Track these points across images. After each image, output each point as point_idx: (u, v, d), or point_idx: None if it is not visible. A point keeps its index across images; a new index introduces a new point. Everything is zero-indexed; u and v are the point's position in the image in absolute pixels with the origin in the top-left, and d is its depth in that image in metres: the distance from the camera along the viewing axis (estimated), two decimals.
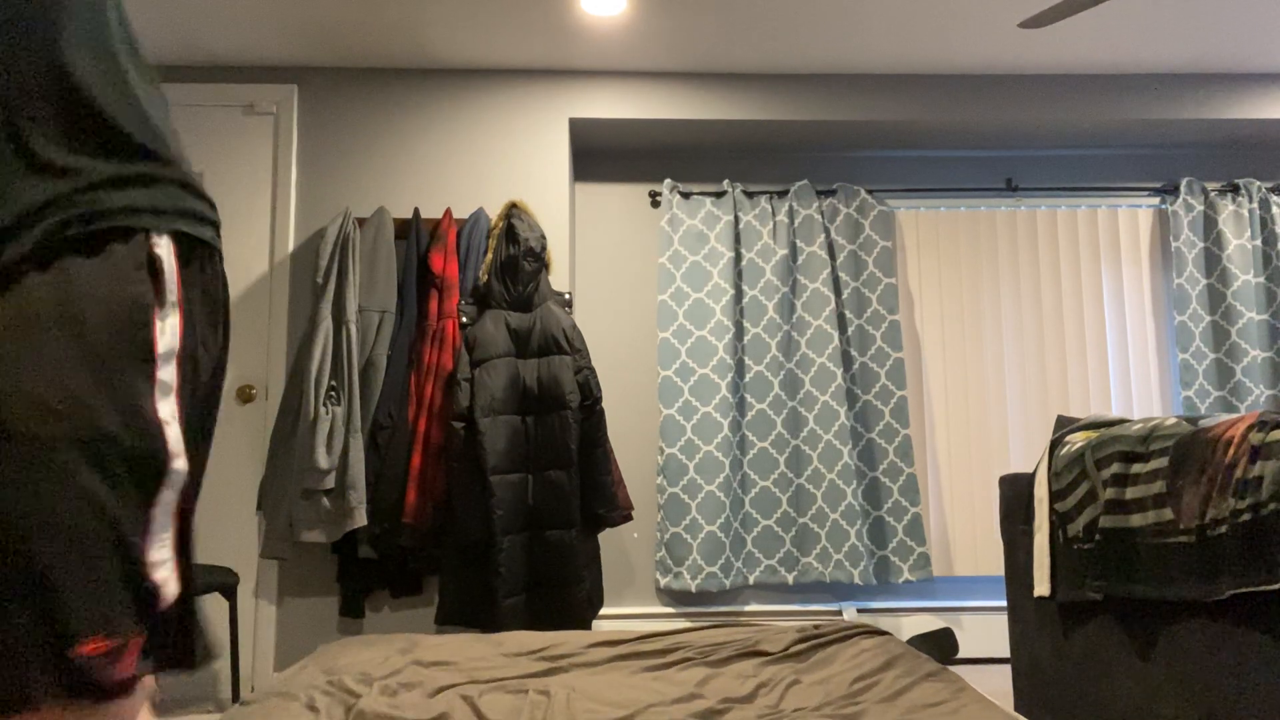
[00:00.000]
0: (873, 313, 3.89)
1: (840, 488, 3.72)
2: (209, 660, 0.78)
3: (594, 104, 3.73)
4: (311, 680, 1.75)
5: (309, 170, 3.63)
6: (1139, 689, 1.97)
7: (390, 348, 3.35)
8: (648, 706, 1.60)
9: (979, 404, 3.96)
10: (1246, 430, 1.70)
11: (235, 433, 3.47)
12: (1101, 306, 4.02)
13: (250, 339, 3.52)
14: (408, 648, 2.02)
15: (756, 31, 3.45)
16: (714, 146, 4.07)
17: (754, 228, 3.93)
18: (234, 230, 3.57)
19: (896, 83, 3.82)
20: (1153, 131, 3.97)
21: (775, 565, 3.76)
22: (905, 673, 1.79)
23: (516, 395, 3.21)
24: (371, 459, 3.25)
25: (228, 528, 3.42)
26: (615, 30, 3.44)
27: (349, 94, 3.68)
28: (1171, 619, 1.88)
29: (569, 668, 1.93)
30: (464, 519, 3.10)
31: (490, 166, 3.66)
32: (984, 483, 3.91)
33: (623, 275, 4.02)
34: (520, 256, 3.30)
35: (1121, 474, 1.99)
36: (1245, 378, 3.85)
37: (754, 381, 3.85)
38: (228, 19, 3.32)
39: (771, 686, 1.74)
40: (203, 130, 3.62)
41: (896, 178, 4.15)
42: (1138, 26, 3.45)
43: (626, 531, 3.86)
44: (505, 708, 1.60)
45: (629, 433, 3.92)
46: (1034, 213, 4.06)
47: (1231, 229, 3.95)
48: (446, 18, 3.34)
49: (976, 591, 3.91)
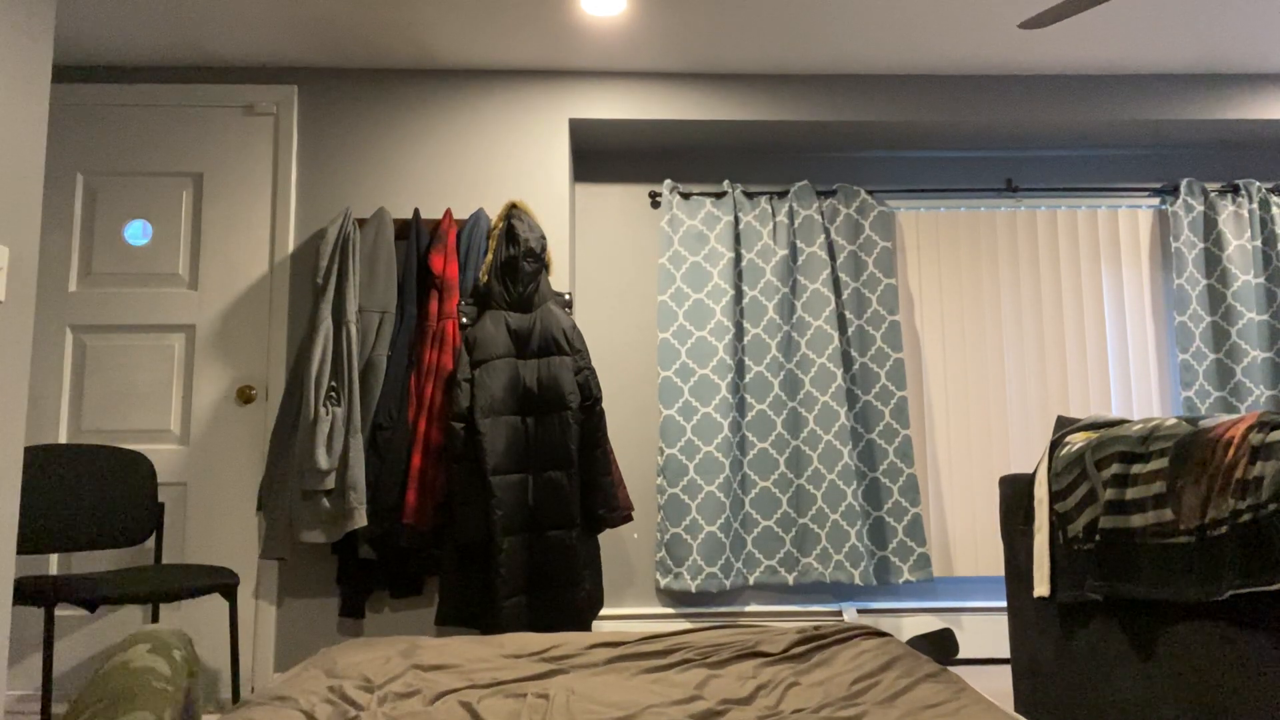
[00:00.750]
0: (873, 313, 3.89)
1: (840, 488, 3.72)
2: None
3: (594, 104, 3.73)
4: (312, 686, 1.75)
5: (309, 170, 3.63)
6: (1139, 689, 1.97)
7: (390, 348, 3.35)
8: (647, 708, 1.60)
9: (979, 404, 3.96)
10: (1246, 431, 1.70)
11: (235, 433, 3.47)
12: (1101, 307, 4.02)
13: (250, 339, 3.52)
14: (408, 650, 2.02)
15: (756, 31, 3.45)
16: (714, 147, 4.07)
17: (754, 228, 3.93)
18: (234, 230, 3.57)
19: (896, 83, 3.82)
20: (1153, 131, 3.97)
21: (775, 566, 3.76)
22: (905, 673, 1.79)
23: (516, 396, 3.21)
24: (371, 459, 3.25)
25: (228, 528, 3.41)
26: (615, 30, 3.44)
27: (349, 94, 3.68)
28: (1171, 619, 1.88)
29: (569, 669, 1.93)
30: (464, 520, 3.10)
31: (490, 167, 3.66)
32: (984, 483, 3.91)
33: (623, 276, 4.02)
34: (520, 257, 3.30)
35: (1122, 474, 1.99)
36: (1245, 378, 3.85)
37: (754, 382, 3.85)
38: (228, 19, 3.32)
39: (771, 688, 1.74)
40: (203, 130, 3.62)
41: (896, 178, 4.15)
42: (1138, 26, 3.45)
43: (626, 532, 3.86)
44: (504, 711, 1.60)
45: (629, 433, 3.92)
46: (1034, 213, 4.06)
47: (1231, 229, 3.95)
48: (446, 18, 3.34)
49: (976, 592, 3.91)
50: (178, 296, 3.54)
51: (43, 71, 2.49)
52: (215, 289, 3.54)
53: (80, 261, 3.55)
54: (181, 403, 3.49)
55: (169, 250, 3.56)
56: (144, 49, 3.52)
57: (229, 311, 3.53)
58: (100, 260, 3.54)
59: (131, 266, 3.55)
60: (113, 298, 3.52)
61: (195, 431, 3.46)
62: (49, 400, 3.45)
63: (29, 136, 2.44)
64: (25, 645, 3.32)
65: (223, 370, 3.50)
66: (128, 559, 3.39)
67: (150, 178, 3.60)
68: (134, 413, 3.47)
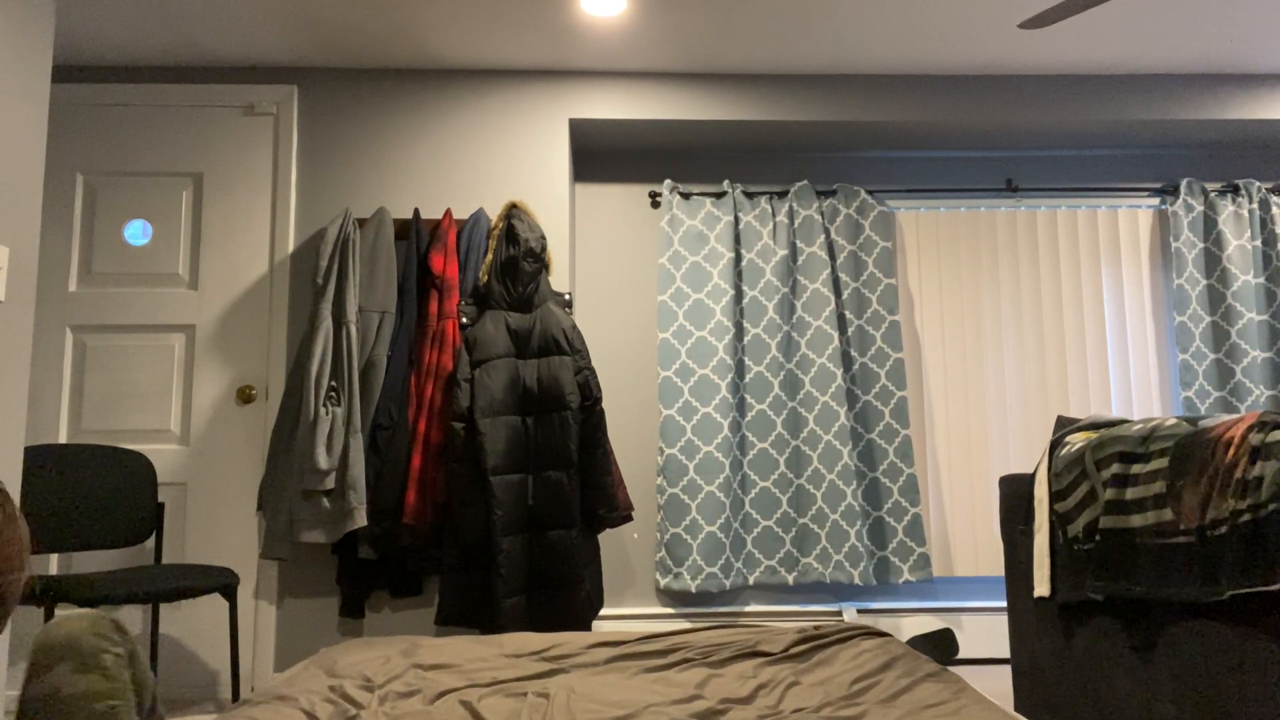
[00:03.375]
0: (873, 313, 3.89)
1: (840, 488, 3.72)
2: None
3: (594, 104, 3.73)
4: (313, 685, 1.75)
5: (309, 170, 3.63)
6: (1139, 689, 1.97)
7: (390, 348, 3.35)
8: (648, 706, 1.60)
9: (979, 404, 3.96)
10: (1246, 431, 1.70)
11: (235, 433, 3.47)
12: (1101, 307, 4.02)
13: (250, 339, 3.52)
14: (408, 650, 2.02)
15: (756, 31, 3.45)
16: (714, 147, 4.07)
17: (754, 228, 3.93)
18: (234, 231, 3.57)
19: (896, 83, 3.82)
20: (1153, 131, 3.97)
21: (775, 566, 3.76)
22: (905, 673, 1.79)
23: (516, 396, 3.21)
24: (371, 459, 3.25)
25: (228, 528, 3.41)
26: (615, 30, 3.44)
27: (349, 94, 3.68)
28: (1171, 619, 1.88)
29: (569, 668, 1.93)
30: (464, 520, 3.10)
31: (490, 167, 3.66)
32: (984, 483, 3.91)
33: (623, 276, 4.02)
34: (520, 257, 3.30)
35: (1121, 474, 1.99)
36: (1245, 378, 3.85)
37: (754, 382, 3.85)
38: (228, 19, 3.32)
39: (771, 687, 1.74)
40: (203, 130, 3.62)
41: (896, 178, 4.15)
42: (1138, 26, 3.45)
43: (626, 532, 3.86)
44: (505, 711, 1.60)
45: (629, 433, 3.92)
46: (1034, 213, 4.06)
47: (1231, 229, 3.95)
48: (446, 18, 3.34)
49: (976, 592, 3.91)
50: (178, 296, 3.54)
51: (43, 71, 2.49)
52: (215, 289, 3.54)
53: (80, 261, 3.55)
54: (181, 403, 3.49)
55: (169, 250, 3.56)
56: (144, 49, 3.52)
57: (229, 311, 3.53)
58: (100, 260, 3.54)
59: (131, 266, 3.55)
60: (113, 298, 3.52)
61: (195, 431, 3.46)
62: (49, 400, 3.45)
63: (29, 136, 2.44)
64: (25, 645, 3.32)
65: (223, 370, 3.50)
66: (128, 559, 3.39)
67: (150, 178, 3.59)
68: (134, 413, 3.47)
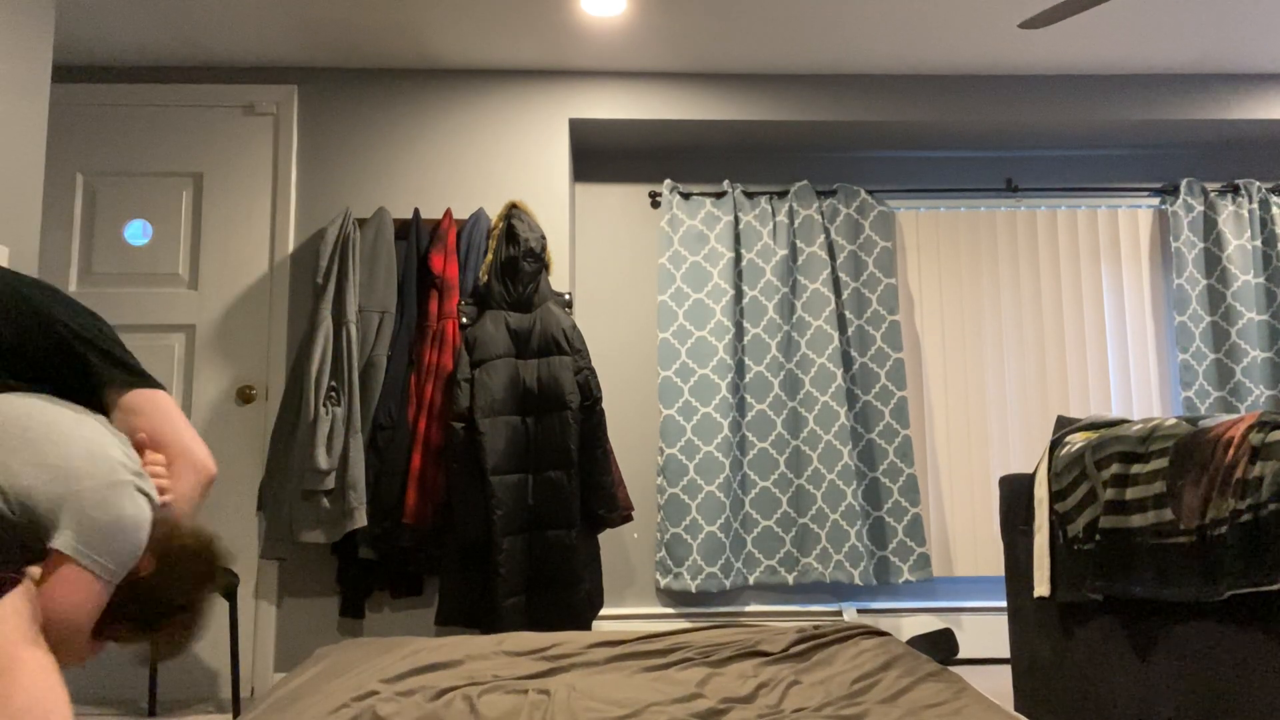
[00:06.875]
0: (873, 313, 3.89)
1: (840, 488, 3.72)
2: None
3: (594, 104, 3.73)
4: (313, 686, 1.75)
5: (309, 170, 3.63)
6: (1139, 689, 1.97)
7: (390, 348, 3.35)
8: (648, 706, 1.60)
9: (979, 404, 3.96)
10: (1246, 431, 1.70)
11: (235, 433, 3.47)
12: (1101, 307, 4.02)
13: (250, 339, 3.52)
14: (408, 649, 2.02)
15: (756, 31, 3.45)
16: (714, 146, 4.07)
17: (754, 228, 3.93)
18: (234, 231, 3.57)
19: (896, 83, 3.82)
20: (1153, 131, 3.97)
21: (775, 566, 3.76)
22: (905, 673, 1.79)
23: (516, 396, 3.21)
24: (371, 459, 3.25)
25: (228, 528, 3.41)
26: (615, 30, 3.44)
27: (349, 94, 3.68)
28: (1171, 619, 1.88)
29: (569, 667, 1.93)
30: (464, 519, 3.10)
31: (490, 166, 3.66)
32: (984, 483, 3.91)
33: (623, 275, 4.02)
34: (520, 257, 3.30)
35: (1121, 474, 1.99)
36: (1245, 378, 3.85)
37: (754, 382, 3.85)
38: (228, 19, 3.32)
39: (772, 687, 1.74)
40: (203, 130, 3.62)
41: (896, 178, 4.15)
42: (1138, 26, 3.45)
43: (626, 532, 3.86)
44: (505, 708, 1.60)
45: (629, 433, 3.92)
46: (1034, 213, 4.06)
47: (1231, 229, 3.95)
48: (446, 18, 3.34)
49: (976, 592, 3.91)
50: (178, 296, 3.54)
51: (43, 71, 2.49)
52: (215, 289, 3.54)
53: (80, 261, 3.55)
54: (181, 402, 3.49)
55: (169, 250, 3.56)
56: (144, 49, 3.52)
57: (229, 311, 3.53)
58: (100, 260, 3.54)
59: (131, 266, 3.55)
60: (113, 298, 3.52)
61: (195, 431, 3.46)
62: None
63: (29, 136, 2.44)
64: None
65: (223, 370, 3.50)
66: None
67: (150, 178, 3.60)
68: None
